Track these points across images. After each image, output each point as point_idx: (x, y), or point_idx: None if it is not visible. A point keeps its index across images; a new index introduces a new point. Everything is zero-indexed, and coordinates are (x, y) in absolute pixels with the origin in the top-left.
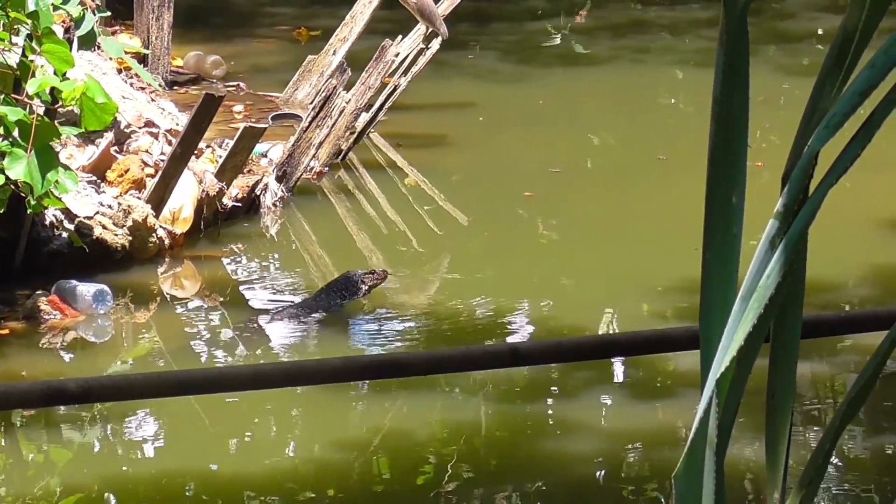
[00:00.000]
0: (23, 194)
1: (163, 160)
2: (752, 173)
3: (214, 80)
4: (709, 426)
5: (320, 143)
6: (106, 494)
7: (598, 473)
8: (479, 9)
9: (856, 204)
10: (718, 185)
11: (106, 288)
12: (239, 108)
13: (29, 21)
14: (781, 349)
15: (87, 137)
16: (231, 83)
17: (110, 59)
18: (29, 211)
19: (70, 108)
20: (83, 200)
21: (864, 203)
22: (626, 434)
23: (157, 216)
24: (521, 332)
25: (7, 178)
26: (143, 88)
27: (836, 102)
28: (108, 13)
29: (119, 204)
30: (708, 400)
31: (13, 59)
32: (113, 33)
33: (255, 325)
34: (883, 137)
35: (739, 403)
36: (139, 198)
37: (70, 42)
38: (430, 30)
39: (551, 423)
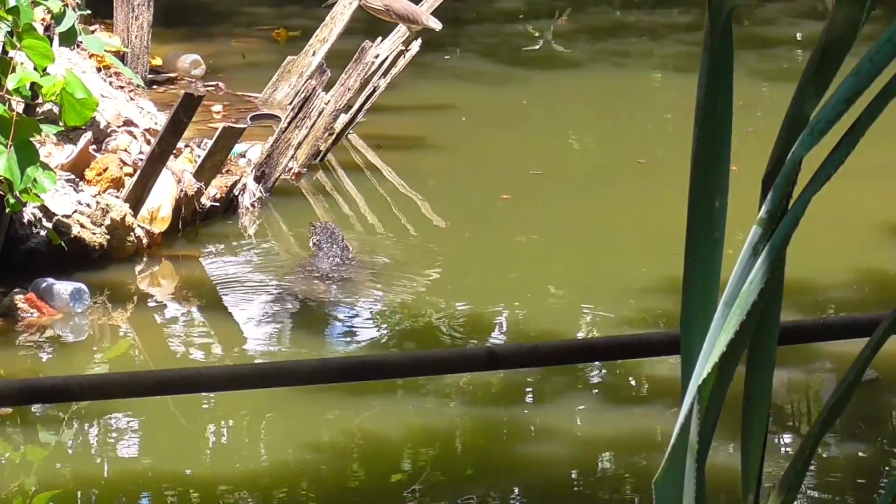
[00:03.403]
0: (1, 193)
1: (141, 159)
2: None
3: (193, 80)
4: (690, 432)
5: (299, 144)
6: (81, 493)
7: (575, 479)
8: (457, 10)
9: (842, 210)
10: (701, 189)
11: (83, 286)
12: (218, 107)
13: (9, 17)
14: (759, 354)
15: (66, 136)
16: (210, 83)
17: (90, 56)
18: (7, 210)
19: (49, 105)
20: (61, 199)
21: (850, 209)
22: (604, 439)
23: (135, 215)
24: (498, 335)
25: None
26: (122, 87)
27: (820, 109)
28: (89, 11)
29: (97, 203)
30: (689, 406)
31: None
32: (92, 32)
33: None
34: (868, 144)
35: (721, 410)
36: (117, 197)
37: (50, 39)
38: (417, 30)
39: (528, 427)
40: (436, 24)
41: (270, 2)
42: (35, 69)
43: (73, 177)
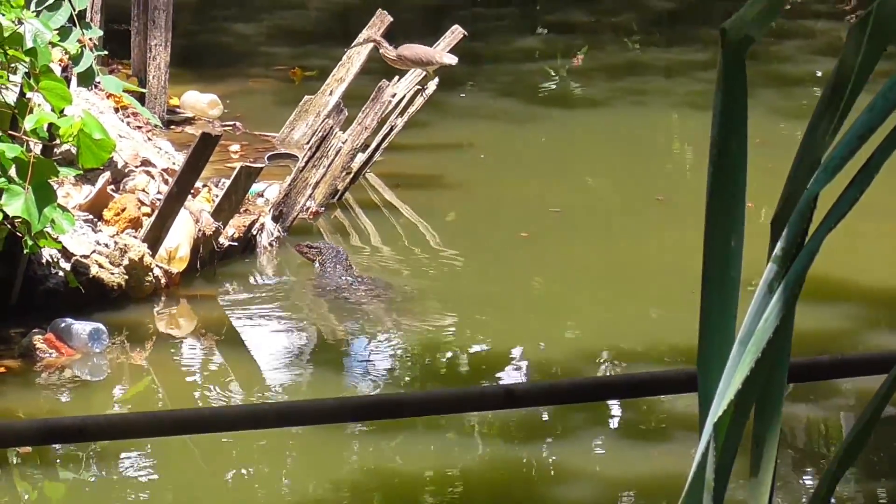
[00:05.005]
0: (19, 234)
1: (159, 199)
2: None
3: (211, 120)
4: (706, 470)
5: (316, 183)
6: None
7: None
8: (474, 49)
9: (854, 246)
10: (717, 228)
11: (102, 326)
12: (235, 147)
13: (27, 59)
14: (767, 395)
15: (84, 176)
16: (227, 122)
17: (108, 97)
18: (26, 251)
19: (67, 146)
20: (80, 239)
21: (863, 246)
22: (622, 477)
23: (153, 255)
24: (516, 373)
25: (5, 216)
26: (139, 127)
27: (834, 146)
28: (106, 52)
29: (115, 243)
30: (706, 443)
31: (11, 97)
32: (110, 72)
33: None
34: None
35: (738, 447)
36: (136, 237)
37: (68, 80)
38: (434, 69)
39: (546, 465)
40: (451, 60)
41: (287, 42)
42: (52, 110)
43: (91, 217)
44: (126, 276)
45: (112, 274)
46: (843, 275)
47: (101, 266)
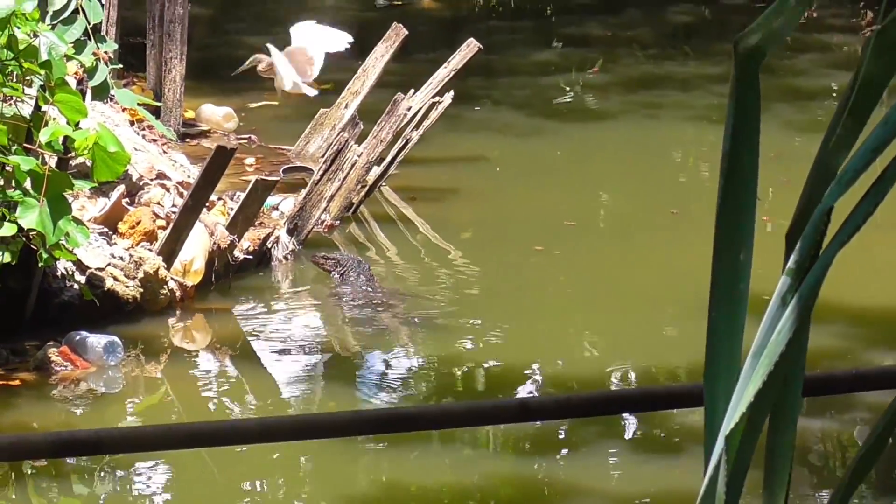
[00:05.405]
0: (34, 247)
1: (174, 212)
2: (759, 227)
3: (226, 133)
4: (718, 483)
5: (332, 197)
6: None
7: None
8: (489, 63)
9: (868, 260)
10: (726, 241)
11: (117, 339)
12: (250, 160)
13: (42, 71)
14: (781, 408)
15: (99, 189)
16: (243, 136)
17: (123, 110)
18: (40, 264)
19: (82, 159)
20: (95, 252)
21: (876, 259)
22: (635, 491)
23: (168, 268)
24: (530, 387)
25: (20, 228)
26: (154, 140)
27: (848, 159)
28: (121, 65)
29: (130, 256)
30: (717, 457)
31: (26, 110)
32: (125, 85)
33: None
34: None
35: (750, 460)
36: (150, 250)
37: (83, 93)
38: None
39: (560, 479)
40: (309, 91)
41: None
42: (68, 123)
43: (106, 230)
44: (141, 289)
45: (127, 287)
46: (854, 289)
47: (115, 279)
